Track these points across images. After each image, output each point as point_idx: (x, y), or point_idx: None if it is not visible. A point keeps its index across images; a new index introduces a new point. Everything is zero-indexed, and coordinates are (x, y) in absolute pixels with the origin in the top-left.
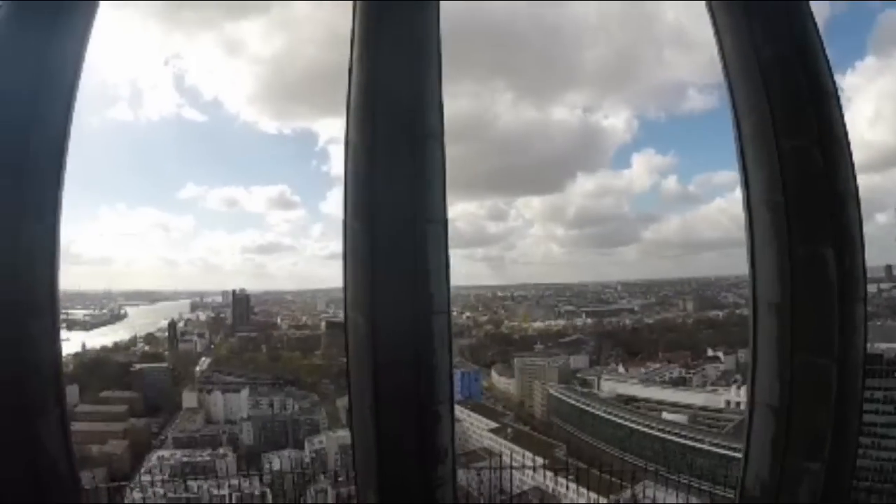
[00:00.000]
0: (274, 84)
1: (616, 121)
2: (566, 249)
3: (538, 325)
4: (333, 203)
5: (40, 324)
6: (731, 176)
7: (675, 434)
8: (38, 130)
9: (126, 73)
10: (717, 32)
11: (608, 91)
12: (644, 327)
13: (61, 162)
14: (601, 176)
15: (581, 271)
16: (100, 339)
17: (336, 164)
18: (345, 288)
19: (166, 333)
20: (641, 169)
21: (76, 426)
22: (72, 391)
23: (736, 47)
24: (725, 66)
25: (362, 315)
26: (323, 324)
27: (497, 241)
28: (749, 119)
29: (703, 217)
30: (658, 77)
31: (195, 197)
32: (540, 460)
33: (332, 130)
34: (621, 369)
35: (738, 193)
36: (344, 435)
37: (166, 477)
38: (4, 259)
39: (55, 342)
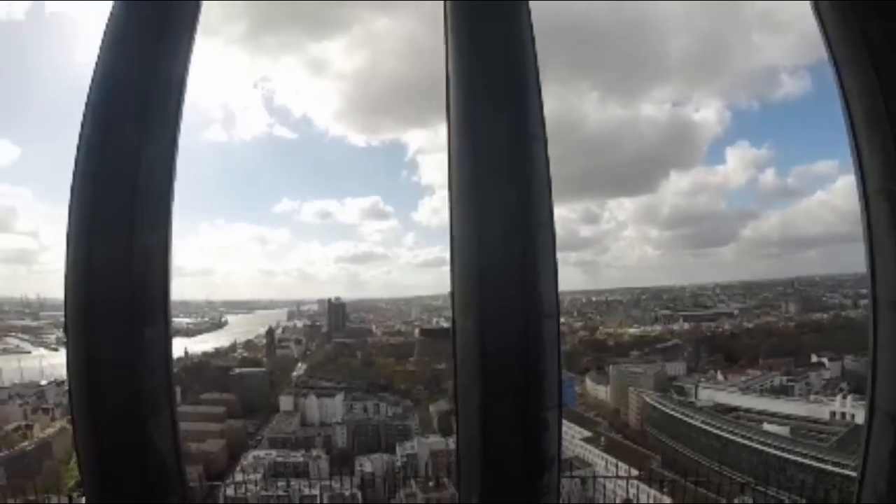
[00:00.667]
0: (359, 99)
1: (707, 113)
2: (661, 251)
3: (634, 330)
4: (425, 212)
5: (154, 330)
6: (831, 166)
7: (776, 447)
8: (150, 144)
9: (218, 97)
10: (818, 10)
11: (697, 83)
12: (743, 332)
13: (172, 176)
14: (695, 173)
15: (677, 273)
16: (201, 345)
17: (426, 173)
18: (452, 293)
19: (264, 340)
20: (736, 163)
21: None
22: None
23: (840, 25)
24: (830, 47)
25: (471, 320)
26: (416, 331)
27: (590, 245)
28: (860, 103)
29: (804, 212)
30: (747, 63)
31: (290, 211)
32: (633, 471)
33: (419, 141)
34: (720, 377)
35: (839, 184)
36: (435, 441)
37: (260, 475)
38: (122, 269)
39: (167, 348)
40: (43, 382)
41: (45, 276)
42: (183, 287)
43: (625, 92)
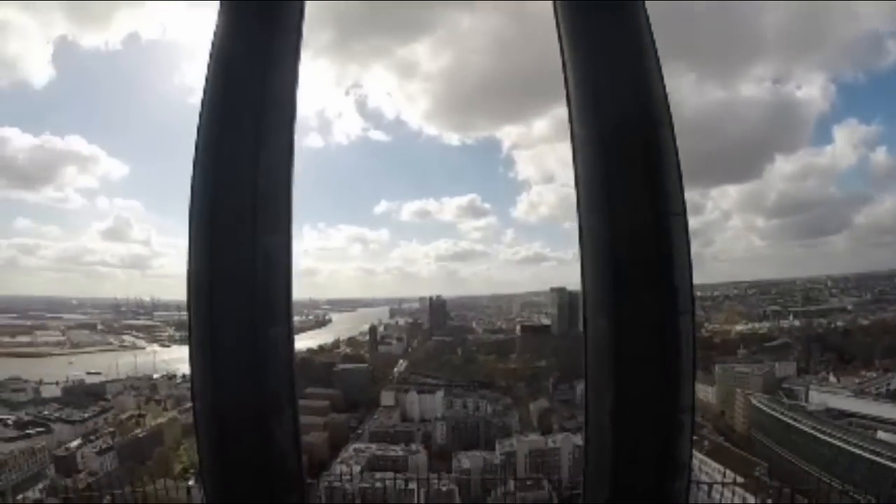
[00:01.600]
0: (450, 98)
1: (811, 90)
2: (768, 242)
3: (741, 327)
4: (522, 208)
5: (278, 331)
6: None
7: (891, 458)
8: (267, 147)
9: (312, 105)
10: None
11: (797, 57)
12: (858, 329)
13: (290, 177)
14: (801, 155)
15: (786, 265)
16: (306, 342)
17: (522, 169)
18: (583, 288)
19: (367, 337)
20: (845, 142)
21: None
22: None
23: None
24: None
25: (605, 316)
26: (518, 328)
27: (694, 237)
28: None
29: None
30: (849, 32)
31: (389, 211)
32: (737, 478)
33: (513, 137)
34: (832, 378)
35: None
36: (535, 439)
37: (360, 468)
38: (246, 271)
39: (290, 348)
40: (156, 376)
41: (158, 279)
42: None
43: (722, 72)
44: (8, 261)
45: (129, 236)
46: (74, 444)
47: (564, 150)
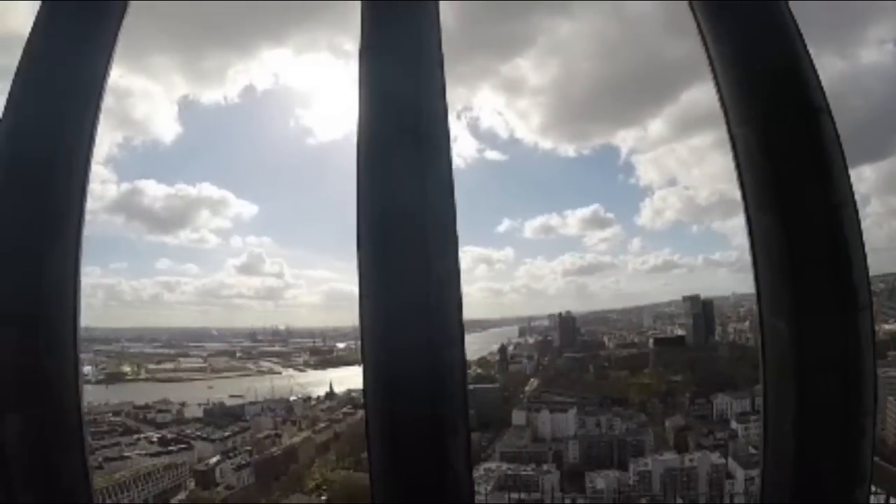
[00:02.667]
0: (561, 109)
1: None
2: None
3: (890, 326)
4: (647, 214)
5: (453, 353)
6: None
7: None
8: (430, 167)
9: None
10: None
11: None
12: None
13: (453, 199)
14: None
15: None
16: None
17: (643, 174)
18: (758, 292)
19: (497, 357)
20: None
21: None
22: None
23: None
24: None
25: (783, 319)
26: (650, 341)
27: None
28: None
29: None
30: None
31: (511, 229)
32: (891, 499)
33: (630, 141)
34: None
35: None
36: (670, 458)
37: (490, 487)
38: (420, 297)
39: (463, 370)
40: (292, 398)
41: (291, 309)
42: None
43: (837, 38)
44: (153, 297)
45: (262, 270)
46: (213, 460)
47: (684, 151)
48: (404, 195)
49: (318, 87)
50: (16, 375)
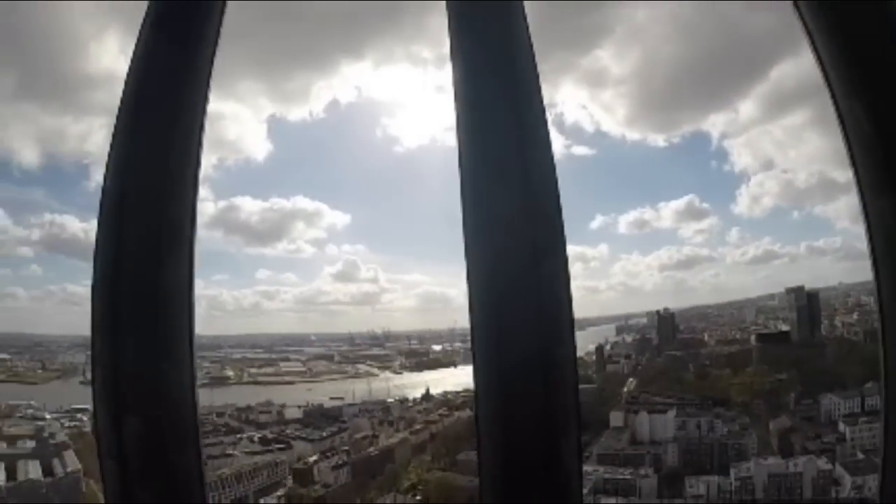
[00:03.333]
0: (647, 98)
1: None
2: None
3: None
4: (744, 202)
5: (564, 351)
6: None
7: None
8: (533, 167)
9: None
10: None
11: None
12: None
13: (557, 195)
14: None
15: None
16: None
17: (738, 159)
18: (877, 281)
19: (594, 356)
20: None
21: None
22: None
23: None
24: None
25: None
26: (752, 337)
27: None
28: None
29: None
30: None
31: (605, 225)
32: None
33: (721, 126)
34: None
35: None
36: (775, 463)
37: (587, 491)
38: (532, 293)
39: (574, 368)
40: (389, 400)
41: (387, 313)
42: None
43: None
44: (254, 305)
45: (357, 277)
46: (312, 459)
47: (778, 132)
48: (509, 196)
49: (400, 95)
50: (134, 379)
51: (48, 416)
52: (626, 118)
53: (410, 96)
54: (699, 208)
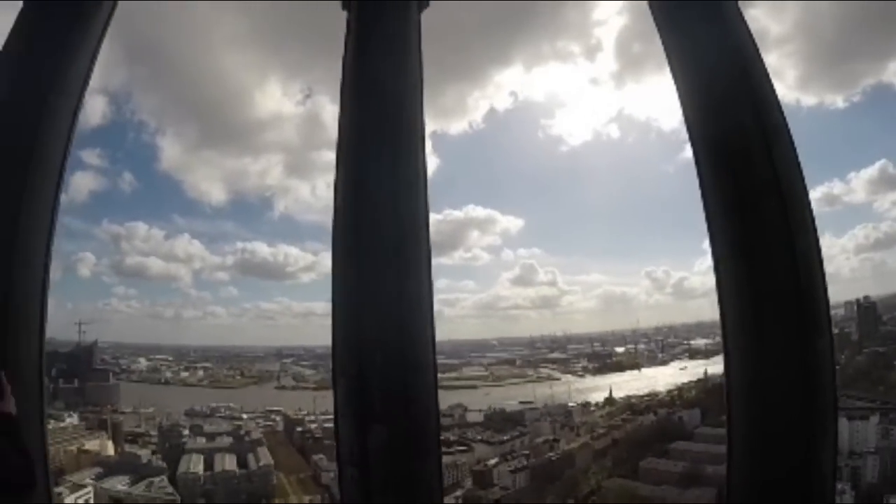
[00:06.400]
0: (816, 54)
1: None
2: None
3: None
4: None
5: (824, 343)
6: None
7: None
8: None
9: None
10: None
11: None
12: None
13: None
14: None
15: None
16: (720, 365)
17: None
18: None
19: None
20: None
21: (694, 446)
22: (694, 413)
23: None
24: None
25: None
26: None
27: None
28: None
29: None
30: None
31: None
32: None
33: None
34: None
35: None
36: None
37: None
38: (790, 279)
39: (832, 361)
40: (570, 404)
41: (568, 315)
42: (698, 309)
43: None
44: (437, 314)
45: (535, 280)
46: (492, 462)
47: None
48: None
49: (556, 94)
50: (382, 389)
51: (245, 417)
52: (797, 81)
53: (566, 93)
54: (894, 175)
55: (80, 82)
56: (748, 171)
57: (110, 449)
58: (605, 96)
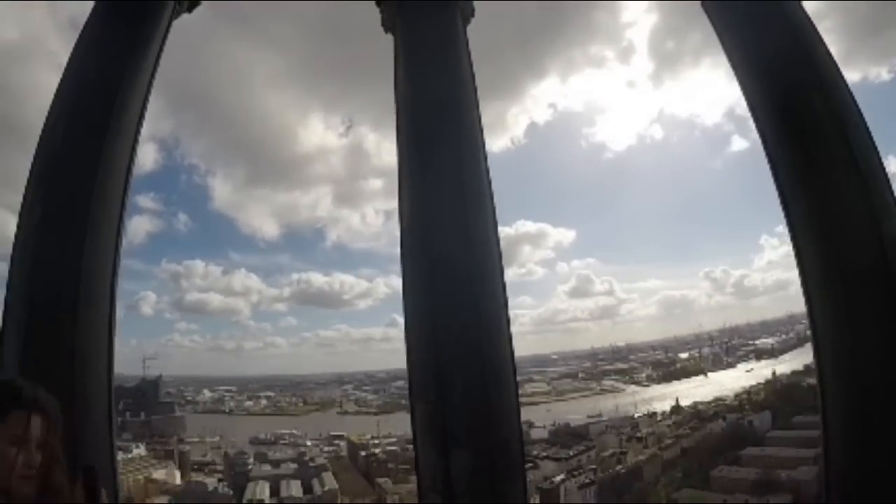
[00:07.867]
0: (854, 26)
1: None
2: None
3: None
4: None
5: None
6: None
7: None
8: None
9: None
10: None
11: None
12: None
13: None
14: None
15: None
16: (788, 364)
17: None
18: None
19: None
20: None
21: (766, 451)
22: (764, 417)
23: None
24: None
25: None
26: None
27: None
28: None
29: None
30: None
31: None
32: None
33: None
34: None
35: None
36: None
37: None
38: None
39: None
40: (636, 415)
41: (628, 324)
42: (760, 308)
43: None
44: None
45: (592, 291)
46: (558, 478)
47: None
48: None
49: (594, 101)
50: (462, 413)
51: (308, 443)
52: (839, 57)
53: (604, 99)
54: None
55: (147, 76)
56: (826, 154)
57: (177, 478)
58: (644, 98)
